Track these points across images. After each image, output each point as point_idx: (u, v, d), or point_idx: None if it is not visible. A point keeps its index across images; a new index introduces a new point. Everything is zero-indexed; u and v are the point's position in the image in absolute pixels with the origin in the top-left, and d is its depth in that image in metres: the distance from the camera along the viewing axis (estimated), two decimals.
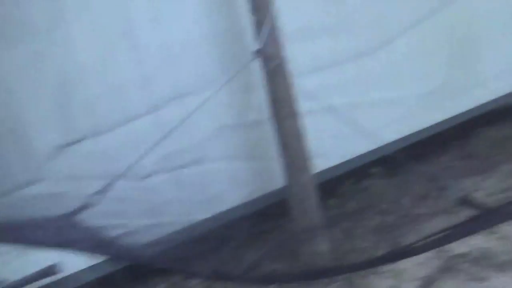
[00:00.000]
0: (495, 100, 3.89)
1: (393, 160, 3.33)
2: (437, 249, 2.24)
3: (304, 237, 2.72)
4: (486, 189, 2.99)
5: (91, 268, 2.53)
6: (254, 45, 2.71)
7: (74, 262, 2.49)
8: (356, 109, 3.20)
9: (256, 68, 2.79)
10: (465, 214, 1.72)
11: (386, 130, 3.32)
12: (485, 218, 1.06)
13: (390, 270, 2.36)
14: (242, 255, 2.76)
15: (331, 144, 3.14)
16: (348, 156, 3.25)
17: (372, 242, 2.70)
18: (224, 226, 2.73)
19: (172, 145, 2.62)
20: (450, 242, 1.19)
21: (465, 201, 1.06)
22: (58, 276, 2.44)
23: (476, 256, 2.30)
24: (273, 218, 2.88)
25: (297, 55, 2.85)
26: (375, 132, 2.99)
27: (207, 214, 2.79)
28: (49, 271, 2.36)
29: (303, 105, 2.78)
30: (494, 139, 3.79)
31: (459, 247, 2.31)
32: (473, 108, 3.77)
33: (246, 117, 3.00)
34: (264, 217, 2.85)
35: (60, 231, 1.69)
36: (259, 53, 2.73)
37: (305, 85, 2.81)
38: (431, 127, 3.58)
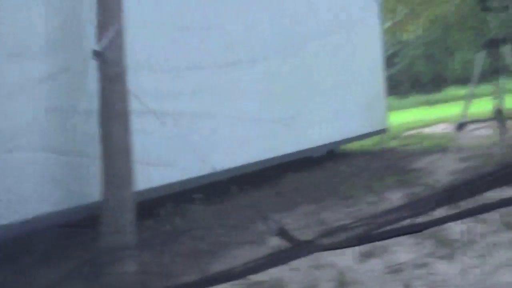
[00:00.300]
0: (308, 150, 4.48)
1: (215, 189, 3.46)
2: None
3: (112, 256, 2.56)
4: (288, 225, 3.35)
5: None
6: (95, 46, 2.53)
7: None
8: (190, 131, 3.23)
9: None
10: (271, 245, 1.89)
11: (214, 159, 3.45)
12: (291, 251, 1.18)
13: None
14: (38, 273, 2.42)
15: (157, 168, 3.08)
16: (172, 179, 3.24)
17: (181, 267, 2.71)
18: (21, 237, 2.36)
19: None
20: (259, 271, 1.28)
21: (281, 233, 1.17)
22: None
23: (271, 284, 2.52)
24: (80, 231, 2.64)
25: (133, 55, 2.73)
26: (204, 159, 3.07)
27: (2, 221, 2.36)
28: None
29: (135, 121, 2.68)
30: (298, 183, 4.34)
31: (257, 275, 2.51)
32: (289, 154, 4.25)
33: (76, 104, 2.69)
34: (71, 229, 2.58)
35: None
36: (98, 55, 2.56)
37: (140, 91, 2.69)
38: (253, 163, 3.88)
